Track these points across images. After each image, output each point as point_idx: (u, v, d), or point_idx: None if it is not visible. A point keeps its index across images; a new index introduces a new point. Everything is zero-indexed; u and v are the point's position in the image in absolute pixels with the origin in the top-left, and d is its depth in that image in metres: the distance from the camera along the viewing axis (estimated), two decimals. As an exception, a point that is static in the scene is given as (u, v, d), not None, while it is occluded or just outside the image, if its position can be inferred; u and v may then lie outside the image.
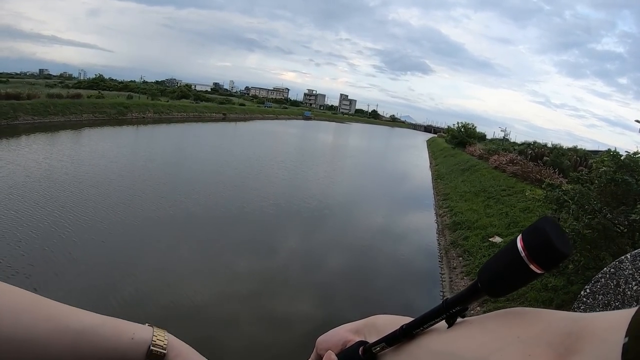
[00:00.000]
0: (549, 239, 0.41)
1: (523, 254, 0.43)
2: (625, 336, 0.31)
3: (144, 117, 46.62)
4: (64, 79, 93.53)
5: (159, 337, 0.68)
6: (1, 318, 0.55)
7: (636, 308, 0.34)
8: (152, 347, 0.66)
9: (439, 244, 15.10)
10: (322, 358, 0.67)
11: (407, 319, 0.59)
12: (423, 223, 18.43)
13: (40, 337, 0.57)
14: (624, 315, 0.34)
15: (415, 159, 48.37)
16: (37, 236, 11.22)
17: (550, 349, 0.40)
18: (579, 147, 30.65)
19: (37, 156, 21.12)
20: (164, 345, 0.68)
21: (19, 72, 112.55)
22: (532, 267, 0.42)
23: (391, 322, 0.61)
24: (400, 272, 12.64)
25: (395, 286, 11.65)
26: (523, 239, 0.44)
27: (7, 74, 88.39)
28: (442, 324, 0.54)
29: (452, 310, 0.52)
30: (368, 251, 13.92)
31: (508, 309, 0.50)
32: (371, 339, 0.63)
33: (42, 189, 15.43)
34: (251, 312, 9.26)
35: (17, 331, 0.55)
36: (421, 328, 0.55)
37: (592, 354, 0.36)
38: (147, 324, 0.70)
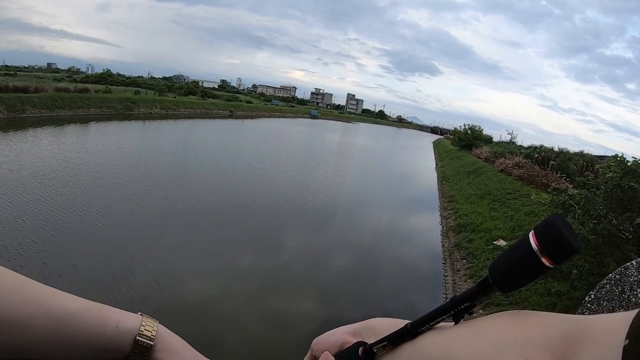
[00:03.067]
0: (562, 233, 0.43)
1: (536, 248, 0.44)
2: (626, 338, 0.31)
3: (150, 113, 46.70)
4: (72, 73, 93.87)
5: (147, 327, 0.64)
6: None
7: (637, 310, 0.33)
8: (138, 337, 0.63)
9: (443, 245, 15.04)
10: (317, 359, 0.67)
11: (406, 322, 0.59)
12: (428, 224, 18.41)
13: (22, 321, 0.55)
14: (624, 318, 0.34)
15: (421, 160, 48.28)
16: (65, 220, 11.88)
17: (548, 353, 0.40)
18: (585, 152, 30.69)
19: (52, 147, 21.63)
20: (152, 336, 0.64)
21: (27, 66, 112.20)
22: (543, 260, 0.43)
23: (389, 325, 0.61)
24: (403, 273, 12.64)
25: (398, 287, 11.64)
26: (535, 234, 0.45)
27: (16, 67, 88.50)
28: (447, 323, 0.55)
29: (459, 307, 0.53)
30: (372, 250, 13.94)
31: (505, 312, 0.50)
32: (369, 342, 0.62)
33: (63, 178, 16.03)
34: (257, 301, 9.42)
35: None
36: (427, 325, 0.55)
37: (590, 357, 0.36)
38: (139, 313, 0.67)
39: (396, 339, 0.58)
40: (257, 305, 9.39)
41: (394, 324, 0.60)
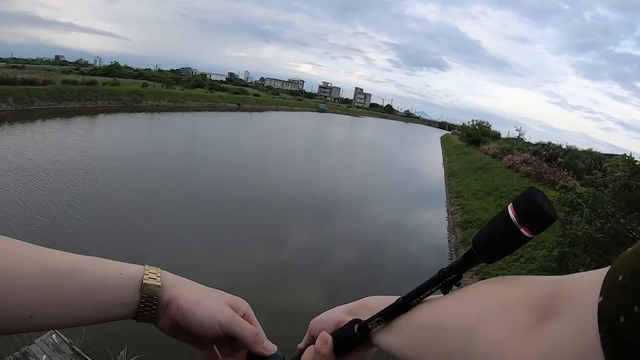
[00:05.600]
0: (538, 204, 0.45)
1: (515, 219, 0.46)
2: (600, 296, 0.32)
3: (158, 105, 46.79)
4: (80, 66, 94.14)
5: (151, 272, 0.64)
6: None
7: (607, 268, 0.34)
8: (144, 281, 0.62)
9: (450, 241, 15.04)
10: (315, 339, 0.69)
11: (398, 297, 0.61)
12: (434, 220, 18.38)
13: (18, 280, 0.53)
14: (598, 276, 0.35)
15: (429, 154, 48.31)
16: (91, 205, 12.53)
17: (532, 312, 0.42)
18: (594, 149, 30.31)
19: (66, 138, 22.10)
20: (158, 278, 0.64)
21: (34, 59, 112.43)
22: (522, 230, 0.46)
23: (383, 303, 0.63)
24: (409, 268, 12.59)
25: (404, 282, 11.59)
26: (514, 206, 0.47)
27: (23, 60, 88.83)
28: (437, 295, 0.57)
29: (447, 279, 0.55)
30: (378, 244, 13.95)
31: (491, 279, 0.52)
32: (364, 319, 0.65)
33: (83, 166, 16.66)
34: (269, 288, 9.54)
35: None
36: (418, 299, 0.58)
37: (569, 314, 0.38)
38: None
39: (389, 314, 0.60)
40: (270, 292, 9.58)
41: (388, 301, 0.62)
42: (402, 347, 0.58)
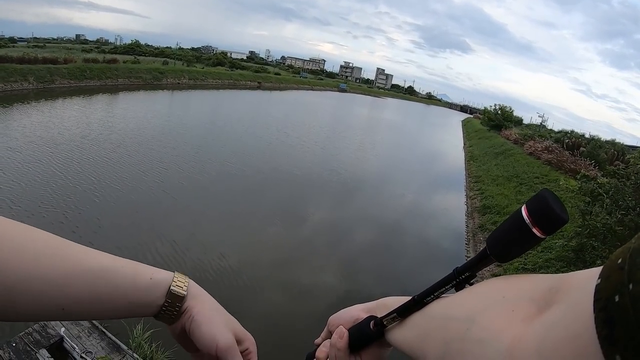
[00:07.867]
0: (550, 206, 0.46)
1: (527, 220, 0.47)
2: (598, 278, 0.32)
3: (178, 83, 47.11)
4: (101, 44, 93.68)
5: (179, 279, 0.68)
6: (21, 259, 0.54)
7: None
8: (172, 288, 0.66)
9: (467, 226, 15.03)
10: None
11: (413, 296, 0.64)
12: (453, 204, 18.38)
13: (58, 278, 0.57)
14: (600, 269, 0.35)
15: (449, 137, 48.02)
16: (127, 177, 13.22)
17: (533, 304, 0.44)
18: (617, 140, 29.67)
19: (93, 114, 22.88)
20: (184, 286, 0.67)
21: (55, 38, 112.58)
22: (534, 230, 0.47)
23: (401, 302, 0.64)
24: (426, 252, 12.68)
25: (420, 265, 11.66)
26: (527, 207, 0.48)
27: (45, 39, 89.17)
28: (451, 294, 0.59)
29: (461, 277, 0.56)
30: (396, 226, 14.06)
31: (500, 276, 0.53)
32: None
33: (115, 140, 17.31)
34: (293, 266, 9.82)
35: (37, 272, 0.55)
36: (432, 296, 0.59)
37: (568, 301, 0.38)
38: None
39: (404, 310, 0.62)
40: (291, 262, 10.04)
41: (405, 300, 0.64)
42: (411, 341, 0.60)
